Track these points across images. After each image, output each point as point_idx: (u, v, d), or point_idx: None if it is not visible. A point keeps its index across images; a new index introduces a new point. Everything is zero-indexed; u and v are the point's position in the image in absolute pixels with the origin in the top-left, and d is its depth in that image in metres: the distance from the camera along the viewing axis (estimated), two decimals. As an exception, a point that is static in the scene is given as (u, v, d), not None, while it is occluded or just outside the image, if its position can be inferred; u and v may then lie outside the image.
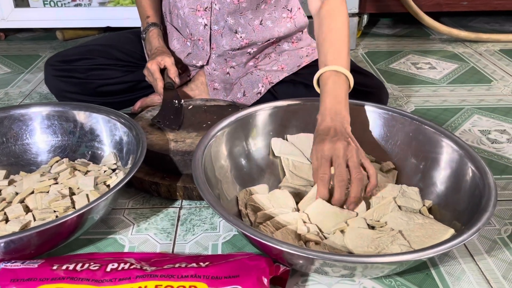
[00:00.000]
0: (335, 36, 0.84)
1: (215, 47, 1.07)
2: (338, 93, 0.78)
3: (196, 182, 0.68)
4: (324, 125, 0.75)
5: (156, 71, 1.02)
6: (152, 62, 1.02)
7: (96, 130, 0.87)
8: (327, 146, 0.70)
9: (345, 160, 0.69)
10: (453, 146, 0.77)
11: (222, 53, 1.07)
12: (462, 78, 1.39)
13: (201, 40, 1.07)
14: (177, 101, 1.00)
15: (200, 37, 1.07)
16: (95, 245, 0.75)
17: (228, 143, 0.83)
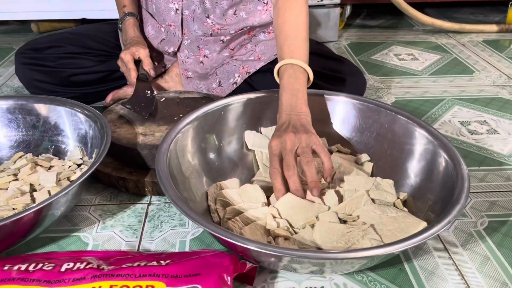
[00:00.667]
0: (290, 28, 0.82)
1: (187, 33, 1.05)
2: (295, 86, 0.76)
3: (158, 177, 0.65)
4: (280, 122, 0.74)
5: (129, 61, 0.99)
6: (126, 52, 1.00)
7: (60, 123, 0.83)
8: (274, 142, 0.70)
9: (292, 150, 0.68)
10: (428, 136, 0.75)
11: (194, 39, 1.05)
12: (444, 69, 1.37)
13: (173, 26, 1.05)
14: (149, 92, 0.97)
15: (171, 22, 1.05)
16: (56, 244, 0.72)
17: (196, 137, 0.80)
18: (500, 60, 1.43)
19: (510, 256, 0.68)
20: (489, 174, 0.87)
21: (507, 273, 0.65)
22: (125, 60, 1.00)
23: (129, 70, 0.99)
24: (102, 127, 0.77)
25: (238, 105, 0.86)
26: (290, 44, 0.80)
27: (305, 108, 0.75)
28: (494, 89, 1.23)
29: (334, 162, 0.81)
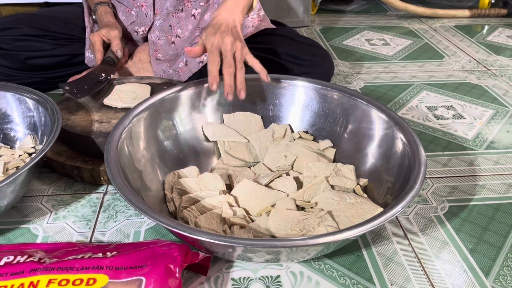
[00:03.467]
0: None
1: (159, 12, 1.04)
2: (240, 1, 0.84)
3: (106, 165, 0.62)
4: (218, 18, 0.81)
5: (96, 42, 0.97)
6: (94, 34, 0.98)
7: (7, 110, 0.79)
8: (217, 38, 0.77)
9: (231, 52, 0.77)
10: (388, 121, 0.73)
11: (166, 16, 1.03)
12: (415, 54, 1.37)
13: (144, 6, 1.04)
14: (104, 74, 0.93)
15: (143, 2, 1.03)
16: (4, 236, 0.68)
17: (152, 125, 0.77)
18: (470, 45, 1.43)
19: (468, 241, 0.68)
20: (453, 159, 0.87)
21: (465, 258, 0.65)
22: (92, 41, 0.97)
23: (95, 52, 0.97)
24: (53, 113, 0.74)
25: (197, 90, 0.83)
26: None
27: (241, 18, 0.84)
28: (462, 74, 1.23)
29: (296, 149, 0.80)
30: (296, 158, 0.78)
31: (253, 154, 0.82)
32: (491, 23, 1.63)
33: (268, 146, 0.83)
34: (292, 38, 1.07)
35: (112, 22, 1.03)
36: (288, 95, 0.87)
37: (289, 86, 0.86)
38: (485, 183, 0.80)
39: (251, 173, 0.78)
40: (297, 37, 1.08)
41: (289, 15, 1.56)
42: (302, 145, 0.81)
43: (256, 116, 0.87)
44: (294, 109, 0.87)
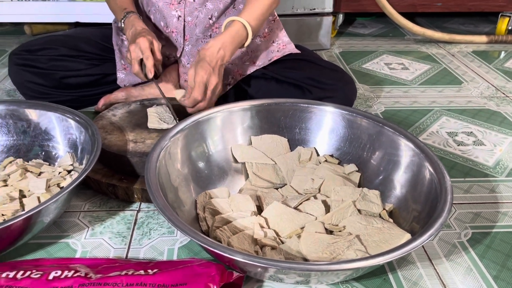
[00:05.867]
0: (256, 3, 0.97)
1: (189, 38, 1.08)
2: (235, 38, 0.93)
3: (147, 186, 0.66)
4: (211, 50, 0.90)
5: (147, 49, 0.94)
6: (144, 40, 0.94)
7: (51, 129, 0.84)
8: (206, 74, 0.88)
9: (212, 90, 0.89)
10: (414, 148, 0.76)
11: (195, 42, 1.08)
12: (434, 79, 1.39)
13: (175, 32, 1.08)
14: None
15: (173, 29, 1.07)
16: (45, 250, 0.72)
17: (186, 146, 0.81)
18: (488, 71, 1.46)
19: (492, 268, 0.70)
20: (474, 186, 0.89)
21: (488, 284, 0.67)
22: (142, 47, 0.94)
23: (147, 58, 0.94)
24: (93, 133, 0.78)
25: (227, 114, 0.87)
26: (249, 9, 0.96)
27: (229, 55, 0.93)
28: (481, 100, 1.26)
29: (322, 173, 0.82)
30: (323, 181, 0.80)
31: (280, 176, 0.85)
32: (508, 49, 1.66)
33: (294, 168, 0.86)
34: (316, 63, 1.10)
35: (148, 30, 1.01)
36: (314, 120, 0.90)
37: (315, 111, 0.90)
38: (507, 210, 0.82)
39: (279, 195, 0.81)
40: (320, 62, 1.12)
41: (309, 38, 1.61)
42: (328, 169, 0.83)
43: (282, 139, 0.90)
44: (320, 133, 0.90)
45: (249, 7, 0.97)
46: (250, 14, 0.96)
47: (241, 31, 0.94)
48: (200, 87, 0.87)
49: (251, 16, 0.95)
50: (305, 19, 1.58)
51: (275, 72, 1.08)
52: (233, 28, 0.93)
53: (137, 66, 0.95)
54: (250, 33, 0.94)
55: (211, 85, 0.89)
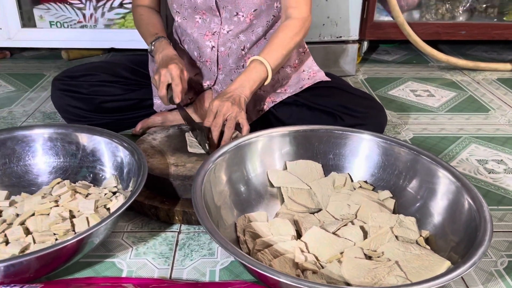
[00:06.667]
0: (276, 40, 1.01)
1: (222, 67, 1.12)
2: (252, 76, 0.98)
3: (195, 209, 0.69)
4: (228, 89, 0.97)
5: (177, 76, 0.98)
6: (177, 67, 0.98)
7: (98, 152, 0.88)
8: (216, 103, 0.94)
9: (225, 114, 0.92)
10: (450, 177, 0.78)
11: (228, 72, 1.12)
12: (460, 107, 1.41)
13: (209, 62, 1.12)
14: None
15: (208, 58, 1.11)
16: (93, 269, 0.75)
17: (228, 169, 0.84)
18: (514, 99, 1.47)
19: (530, 297, 0.71)
20: (508, 214, 0.90)
21: (528, 313, 0.68)
22: (173, 74, 0.98)
23: (177, 85, 0.98)
24: (139, 158, 0.81)
25: (267, 138, 0.90)
26: (269, 49, 1.01)
27: (248, 94, 0.97)
28: (509, 128, 1.27)
29: (358, 199, 0.84)
30: (359, 207, 0.82)
31: (315, 200, 0.88)
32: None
33: (329, 193, 0.88)
34: (347, 90, 1.14)
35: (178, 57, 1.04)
36: (348, 146, 0.93)
37: (349, 137, 0.92)
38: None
39: (316, 220, 0.83)
40: (351, 90, 1.15)
41: (335, 65, 1.65)
42: (363, 195, 0.85)
43: (317, 164, 0.93)
44: (354, 159, 0.92)
45: (270, 46, 1.01)
46: (271, 52, 1.00)
47: (261, 71, 0.98)
48: (209, 116, 0.93)
49: (271, 54, 1.00)
50: (331, 46, 1.62)
51: (307, 99, 1.12)
52: (254, 68, 0.98)
53: (164, 90, 0.99)
54: (269, 71, 0.99)
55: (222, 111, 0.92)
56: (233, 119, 0.93)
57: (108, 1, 1.58)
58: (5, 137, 0.89)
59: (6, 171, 0.88)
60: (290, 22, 1.03)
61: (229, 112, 0.92)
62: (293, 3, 1.02)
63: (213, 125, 0.93)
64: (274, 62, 1.00)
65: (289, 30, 1.02)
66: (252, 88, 0.98)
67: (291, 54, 1.06)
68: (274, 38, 1.02)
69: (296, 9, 1.03)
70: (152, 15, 1.16)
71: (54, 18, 1.59)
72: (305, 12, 1.04)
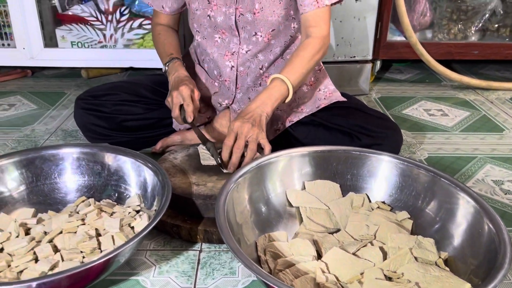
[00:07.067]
0: (297, 58, 1.03)
1: (240, 86, 1.15)
2: (274, 94, 0.99)
3: (219, 229, 0.71)
4: (249, 107, 0.97)
5: (188, 97, 1.02)
6: (187, 88, 1.02)
7: (123, 172, 0.91)
8: (237, 124, 0.94)
9: (246, 136, 0.93)
10: (469, 199, 0.79)
11: (246, 90, 1.15)
12: (474, 126, 1.42)
13: (228, 81, 1.15)
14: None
15: (227, 78, 1.15)
16: (117, 287, 0.77)
17: (249, 189, 0.86)
18: (528, 119, 1.48)
19: (551, 320, 0.71)
20: (525, 236, 0.91)
21: (549, 337, 0.68)
22: (184, 94, 1.02)
23: (188, 105, 1.02)
24: (163, 178, 0.84)
25: (288, 158, 0.92)
26: (290, 67, 1.02)
27: (269, 112, 0.98)
28: (524, 148, 1.28)
29: (376, 219, 0.86)
30: (378, 228, 0.84)
31: (333, 220, 0.89)
32: (546, 97, 1.68)
33: (347, 214, 0.89)
34: (363, 110, 1.16)
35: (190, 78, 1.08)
36: (366, 167, 0.94)
37: (367, 158, 0.94)
38: (561, 262, 0.83)
39: (336, 240, 0.84)
40: (367, 110, 1.17)
41: (349, 84, 1.67)
42: (381, 215, 0.87)
43: (335, 184, 0.94)
44: (372, 180, 0.94)
45: (291, 63, 1.02)
46: (292, 70, 1.01)
47: (282, 89, 0.99)
48: (229, 136, 0.94)
49: (292, 72, 1.01)
50: (345, 66, 1.65)
51: (323, 119, 1.14)
52: (275, 86, 0.99)
53: (177, 111, 1.03)
54: (291, 90, 1.00)
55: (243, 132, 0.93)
56: (255, 141, 0.93)
57: (128, 22, 1.63)
58: (33, 156, 0.92)
59: (33, 189, 0.91)
60: (310, 40, 1.04)
61: (250, 134, 0.93)
62: (313, 22, 1.04)
63: (235, 148, 0.93)
64: (295, 80, 1.01)
65: (310, 48, 1.04)
66: (274, 106, 0.99)
67: (311, 72, 1.08)
68: (294, 56, 1.03)
69: (316, 28, 1.04)
70: (169, 34, 1.20)
71: (75, 38, 1.64)
72: (325, 31, 1.05)
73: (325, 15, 1.04)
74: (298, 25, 1.11)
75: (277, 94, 0.99)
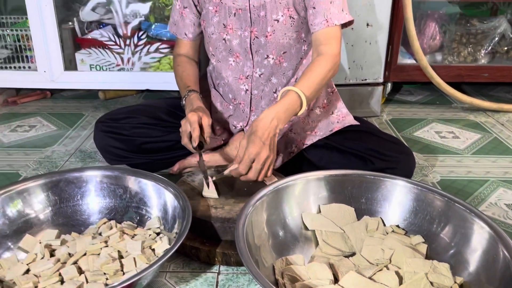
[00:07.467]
0: (311, 73, 1.03)
1: (254, 109, 1.18)
2: (288, 106, 0.99)
3: (240, 253, 0.73)
4: (263, 122, 0.96)
5: (195, 122, 1.03)
6: (194, 114, 1.04)
7: (144, 195, 0.93)
8: (255, 149, 0.93)
9: (261, 164, 0.93)
10: (483, 225, 0.80)
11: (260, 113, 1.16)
12: (486, 149, 1.44)
13: (242, 104, 1.18)
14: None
15: (241, 101, 1.18)
16: (139, 308, 0.79)
17: (266, 212, 0.88)
18: (540, 141, 1.49)
19: None
20: (540, 260, 0.91)
21: None
22: (191, 121, 1.03)
23: (194, 130, 1.03)
24: (183, 202, 0.86)
25: (304, 182, 0.94)
26: (304, 80, 1.02)
27: (282, 124, 0.98)
28: (536, 171, 1.29)
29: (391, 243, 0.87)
30: (393, 252, 0.85)
31: (349, 244, 0.91)
32: (557, 119, 1.69)
33: (363, 237, 0.91)
34: (376, 134, 1.18)
35: (205, 109, 1.12)
36: (380, 191, 0.96)
37: (381, 182, 0.96)
38: None
39: (352, 264, 0.86)
40: (380, 134, 1.19)
41: (361, 106, 1.70)
42: (396, 239, 0.88)
43: (350, 208, 0.96)
44: (386, 204, 0.96)
45: (304, 77, 1.03)
46: (305, 83, 1.01)
47: (295, 100, 0.99)
48: (245, 163, 0.93)
49: (305, 85, 1.01)
50: (357, 89, 1.68)
51: (337, 142, 1.16)
52: (288, 98, 0.99)
53: (186, 139, 1.05)
54: (304, 102, 0.99)
55: (261, 159, 0.93)
56: (271, 168, 0.95)
57: (145, 46, 1.68)
58: (58, 178, 0.95)
59: (57, 211, 0.94)
60: (322, 57, 1.05)
61: (264, 158, 0.93)
62: (324, 41, 1.06)
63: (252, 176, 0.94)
64: (308, 92, 1.00)
65: (322, 64, 1.04)
66: (287, 119, 0.99)
67: (323, 88, 1.08)
68: (307, 71, 1.04)
69: (327, 46, 1.06)
70: (188, 66, 1.23)
71: (94, 62, 1.69)
72: (336, 49, 1.07)
73: (335, 33, 1.06)
74: (308, 47, 1.15)
75: (292, 108, 0.99)
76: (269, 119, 0.96)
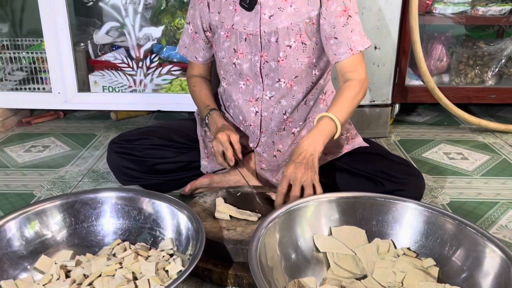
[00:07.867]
0: (341, 98, 1.08)
1: (265, 131, 1.20)
2: (323, 131, 1.03)
3: (253, 276, 0.74)
4: (301, 147, 1.02)
5: (226, 141, 1.10)
6: (223, 134, 1.11)
7: (158, 216, 0.95)
8: (291, 169, 0.98)
9: (300, 181, 0.97)
10: (495, 249, 0.81)
11: (270, 135, 1.20)
12: (495, 171, 1.44)
13: (253, 125, 1.21)
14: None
15: (251, 123, 1.20)
16: (153, 330, 0.80)
17: (278, 234, 0.89)
18: (549, 163, 1.49)
19: None
20: (553, 284, 0.91)
21: None
22: (221, 140, 1.10)
23: (227, 150, 1.10)
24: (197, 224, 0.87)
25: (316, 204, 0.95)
26: (336, 106, 1.07)
27: (320, 148, 1.02)
28: (547, 193, 1.29)
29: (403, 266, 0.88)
30: (405, 275, 0.86)
31: (360, 266, 0.91)
32: None
33: (374, 260, 0.91)
34: (386, 156, 1.19)
35: (230, 126, 1.16)
36: (391, 213, 0.97)
37: (391, 205, 0.97)
38: None
39: (363, 287, 0.86)
40: (390, 156, 1.20)
41: (369, 127, 1.71)
42: (407, 262, 0.89)
43: (361, 230, 0.97)
44: (397, 226, 0.96)
45: (336, 102, 1.08)
46: (338, 108, 1.06)
47: (330, 125, 1.04)
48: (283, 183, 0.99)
49: (338, 110, 1.06)
50: (365, 110, 1.70)
51: (347, 164, 1.18)
52: (323, 123, 1.04)
53: (220, 158, 1.11)
54: (338, 125, 1.04)
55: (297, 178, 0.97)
56: (310, 186, 0.97)
57: (157, 68, 1.72)
58: (73, 200, 0.97)
59: (72, 232, 0.96)
60: (351, 83, 1.10)
61: (304, 178, 0.97)
62: (351, 68, 1.10)
63: (292, 195, 0.97)
64: (342, 117, 1.05)
65: (352, 89, 1.09)
66: (325, 143, 1.02)
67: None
68: (338, 97, 1.09)
69: (354, 73, 1.10)
70: (203, 85, 1.27)
71: (107, 83, 1.73)
72: (363, 74, 1.12)
73: (360, 59, 1.11)
74: (319, 72, 1.17)
75: (327, 131, 1.03)
76: (309, 143, 1.01)
